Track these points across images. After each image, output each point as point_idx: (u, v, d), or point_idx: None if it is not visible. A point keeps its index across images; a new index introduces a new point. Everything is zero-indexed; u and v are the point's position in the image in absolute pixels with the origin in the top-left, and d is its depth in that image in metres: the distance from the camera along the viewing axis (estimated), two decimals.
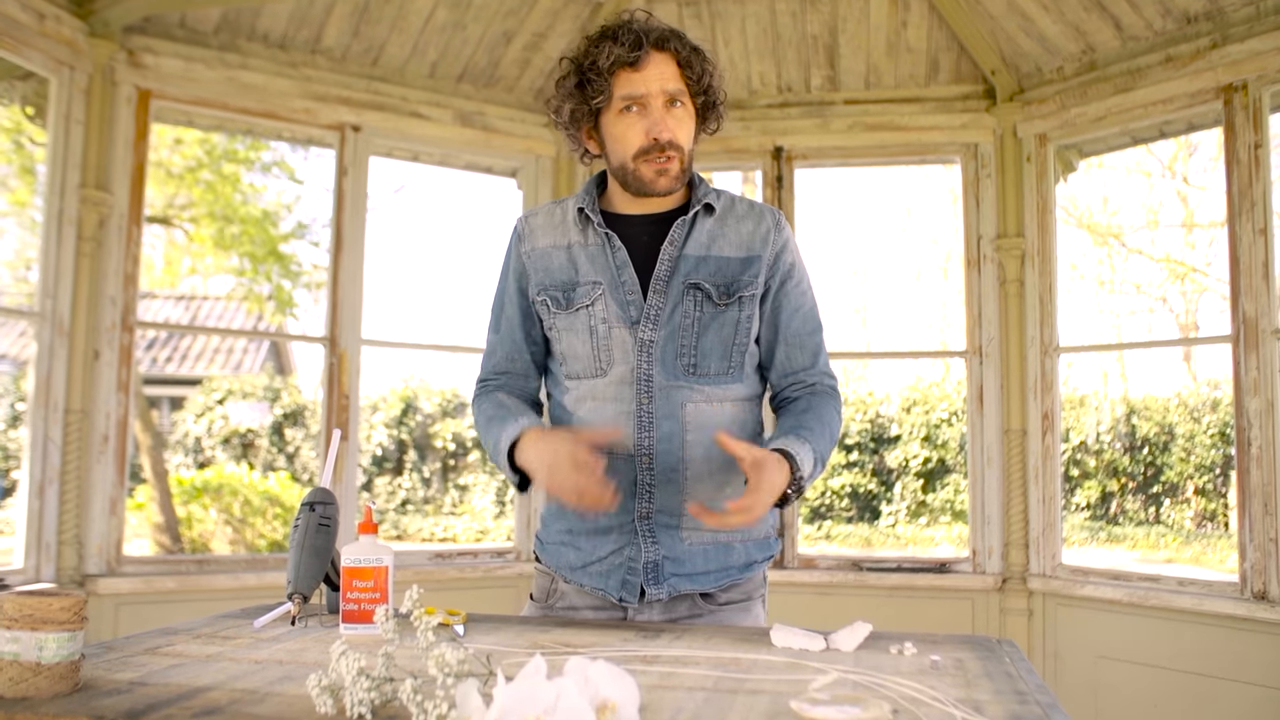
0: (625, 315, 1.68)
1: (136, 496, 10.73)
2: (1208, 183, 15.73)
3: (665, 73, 1.64)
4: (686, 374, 1.68)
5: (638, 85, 1.63)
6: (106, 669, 1.23)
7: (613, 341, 1.68)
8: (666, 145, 1.64)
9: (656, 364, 1.67)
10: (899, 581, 3.94)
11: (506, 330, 1.82)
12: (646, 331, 1.67)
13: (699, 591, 1.69)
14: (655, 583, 1.66)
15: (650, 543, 1.67)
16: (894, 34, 3.99)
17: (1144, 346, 3.92)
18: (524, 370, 1.83)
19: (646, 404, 1.67)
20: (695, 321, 1.68)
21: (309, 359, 19.88)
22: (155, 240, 12.36)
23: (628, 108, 1.65)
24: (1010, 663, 1.34)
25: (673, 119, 1.65)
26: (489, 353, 1.86)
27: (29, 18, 3.26)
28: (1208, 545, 11.59)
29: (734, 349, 1.70)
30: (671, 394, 1.67)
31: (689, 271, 1.69)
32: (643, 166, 1.66)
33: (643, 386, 1.67)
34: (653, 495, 1.67)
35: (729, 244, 1.72)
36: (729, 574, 1.71)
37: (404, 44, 3.97)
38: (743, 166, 4.38)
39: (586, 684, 0.99)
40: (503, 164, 4.34)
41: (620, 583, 1.68)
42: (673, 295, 1.68)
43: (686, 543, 1.68)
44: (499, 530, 12.84)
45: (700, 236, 1.71)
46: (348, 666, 1.03)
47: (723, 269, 1.70)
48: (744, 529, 1.72)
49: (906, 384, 13.65)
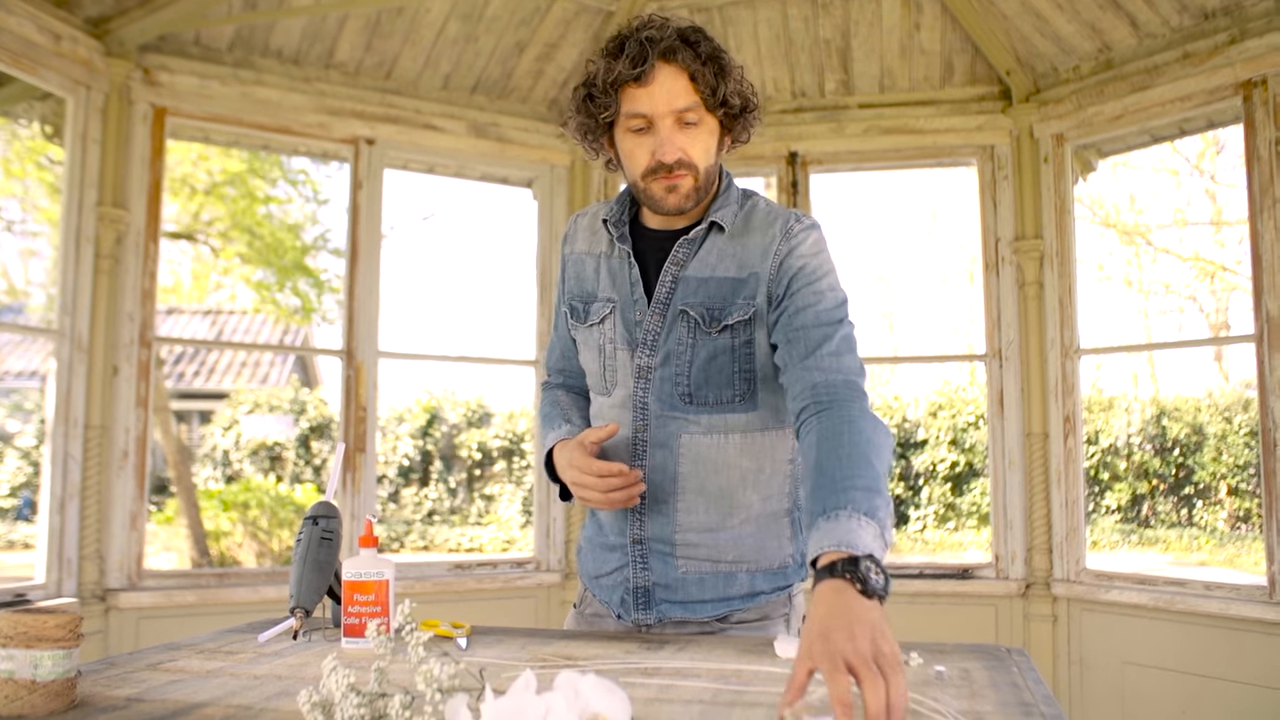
0: (630, 337, 1.62)
1: (165, 510, 10.84)
2: (1236, 180, 15.54)
3: (674, 89, 1.51)
4: (683, 403, 1.59)
5: (643, 104, 1.52)
6: (105, 685, 1.23)
7: (617, 363, 1.64)
8: (675, 165, 1.53)
9: (653, 391, 1.60)
10: (921, 588, 3.90)
11: (562, 329, 1.81)
12: (643, 357, 1.61)
13: (694, 619, 1.63)
14: (645, 608, 1.63)
15: (641, 568, 1.63)
16: (907, 36, 3.97)
17: (1168, 347, 3.88)
18: (577, 370, 1.80)
19: (641, 431, 1.61)
20: (689, 348, 1.58)
21: (334, 372, 20.01)
22: (182, 256, 12.49)
23: (636, 127, 1.55)
24: (1018, 673, 1.31)
25: (684, 137, 1.54)
26: (550, 349, 1.88)
27: (45, 39, 3.29)
28: (1243, 546, 11.43)
29: (736, 377, 1.58)
30: (667, 423, 1.60)
31: (685, 295, 1.59)
32: (652, 185, 1.57)
33: (638, 413, 1.61)
34: (644, 522, 1.62)
35: (734, 263, 1.59)
36: (729, 603, 1.62)
37: (417, 57, 3.99)
38: (757, 172, 4.37)
39: (576, 698, 0.97)
40: (518, 174, 4.35)
41: (620, 600, 1.67)
42: (669, 320, 1.60)
43: (681, 570, 1.62)
44: (525, 540, 12.86)
45: (708, 257, 1.60)
46: (337, 683, 1.02)
47: (717, 292, 1.58)
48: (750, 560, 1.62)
49: (933, 388, 13.57)
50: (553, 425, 1.71)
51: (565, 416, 1.72)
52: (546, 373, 1.90)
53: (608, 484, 1.50)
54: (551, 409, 1.77)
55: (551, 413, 1.76)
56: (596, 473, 1.50)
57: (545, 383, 1.90)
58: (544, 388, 1.89)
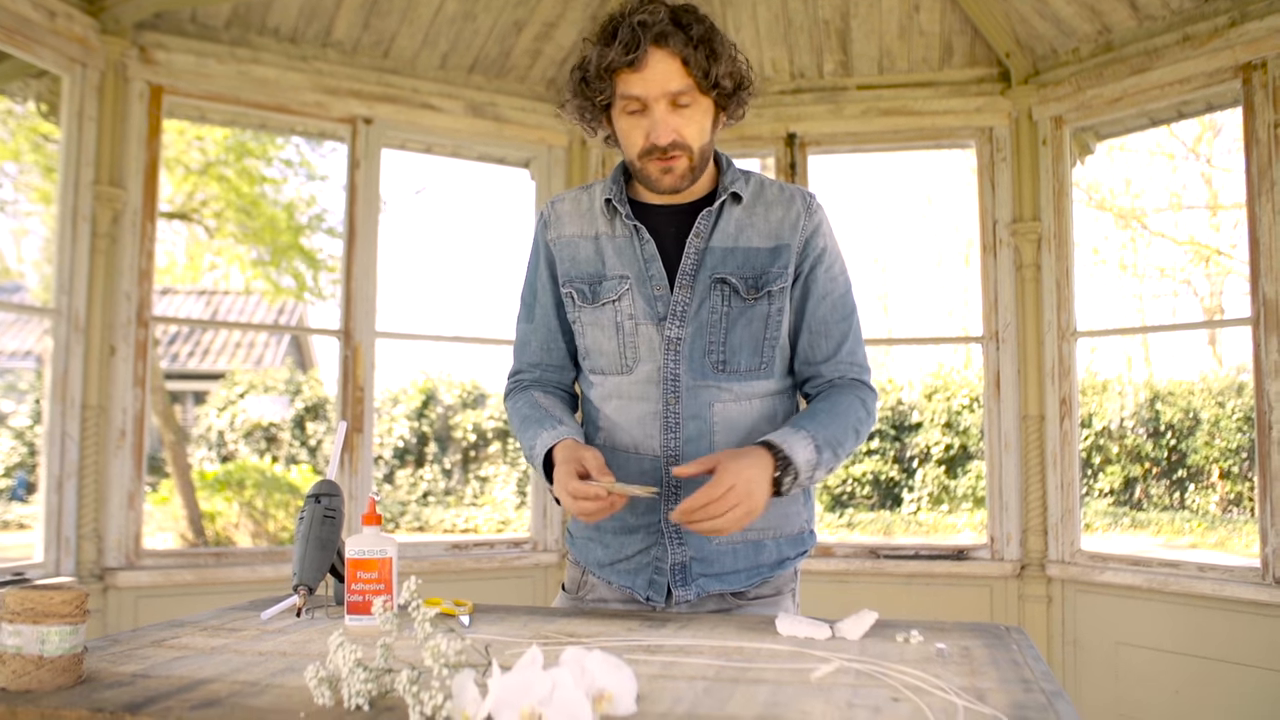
0: (652, 311, 1.63)
1: (160, 491, 10.83)
2: (1232, 164, 15.55)
3: (667, 71, 1.54)
4: (715, 371, 1.63)
5: (636, 87, 1.55)
6: (111, 661, 1.23)
7: (639, 338, 1.64)
8: (669, 147, 1.57)
9: (684, 362, 1.62)
10: (916, 569, 3.92)
11: (541, 318, 1.77)
12: (673, 328, 1.62)
13: (729, 591, 1.67)
14: (683, 584, 1.64)
15: (677, 544, 1.65)
16: (906, 17, 3.96)
17: (1163, 330, 3.87)
18: (560, 361, 1.78)
19: (673, 404, 1.63)
20: (723, 317, 1.63)
21: (329, 352, 19.99)
22: (176, 236, 12.45)
23: (630, 109, 1.59)
24: (1018, 650, 1.32)
25: (678, 119, 1.57)
26: (521, 344, 1.81)
27: (40, 16, 3.27)
28: (1234, 530, 11.49)
29: (765, 344, 1.65)
30: (699, 394, 1.63)
31: (715, 265, 1.63)
32: (648, 166, 1.61)
33: (669, 386, 1.63)
34: (679, 497, 1.62)
35: (758, 234, 1.65)
36: (760, 572, 1.68)
37: (414, 35, 3.97)
38: (755, 153, 4.36)
39: (583, 674, 0.98)
40: (515, 154, 4.34)
41: (647, 582, 1.67)
42: (699, 290, 1.63)
43: (715, 543, 1.65)
44: (520, 520, 12.88)
45: (728, 227, 1.65)
46: (345, 658, 1.03)
47: (751, 261, 1.64)
48: (775, 526, 1.68)
49: (928, 370, 13.60)
50: (543, 426, 1.65)
51: (556, 418, 1.67)
52: (515, 370, 1.82)
53: (590, 505, 1.49)
54: (533, 410, 1.70)
55: (534, 414, 1.69)
56: (574, 494, 1.49)
57: (515, 381, 1.82)
58: (514, 388, 1.81)
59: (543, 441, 1.63)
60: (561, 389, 1.81)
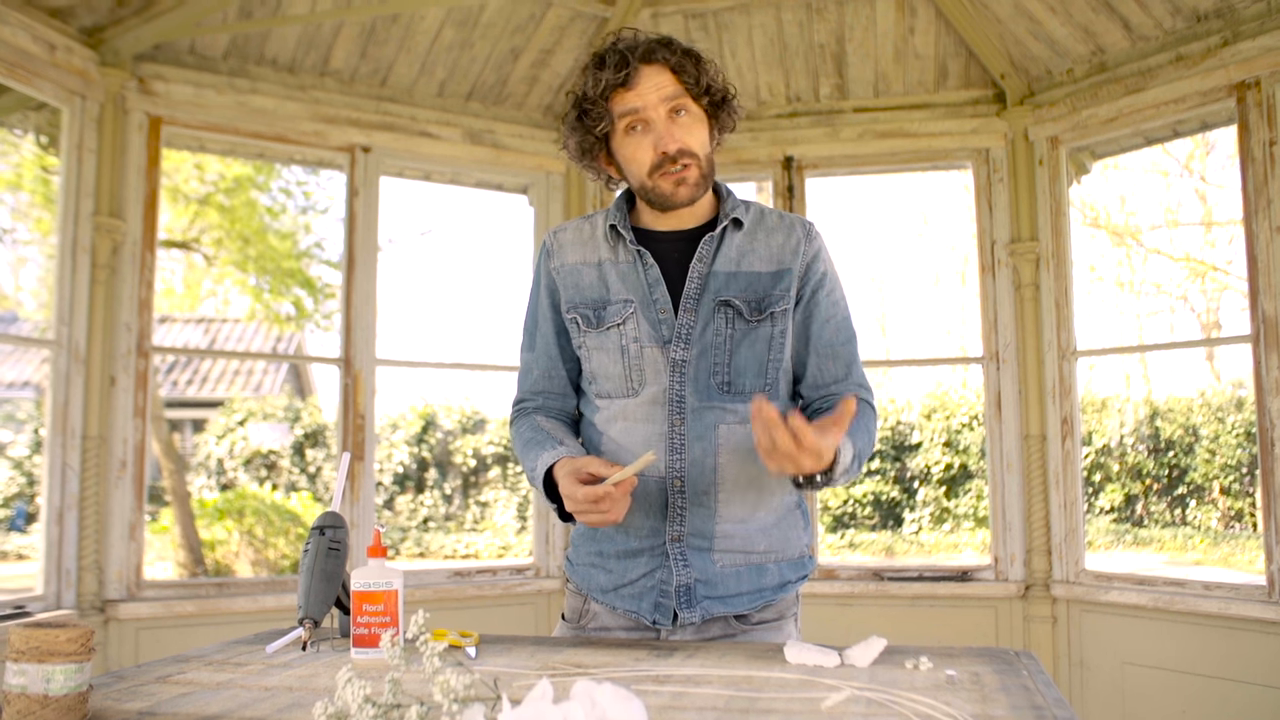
0: (657, 334, 1.65)
1: (160, 520, 10.79)
2: (1225, 180, 15.62)
3: (660, 82, 1.61)
4: (720, 393, 1.64)
5: (633, 101, 1.61)
6: (116, 699, 1.23)
7: (644, 361, 1.66)
8: (678, 155, 1.61)
9: (689, 384, 1.64)
10: (921, 591, 3.91)
11: (542, 347, 1.79)
12: (678, 351, 1.64)
13: (733, 614, 1.67)
14: (688, 606, 1.64)
15: (682, 565, 1.64)
16: (901, 40, 3.98)
17: (1162, 348, 3.88)
18: (561, 388, 1.80)
19: (678, 425, 1.64)
20: (727, 339, 1.65)
21: (328, 379, 19.98)
22: (174, 264, 12.46)
23: (632, 127, 1.63)
24: (1028, 676, 1.31)
25: (679, 127, 1.63)
26: (524, 372, 1.83)
27: (40, 49, 3.29)
28: (1236, 546, 11.46)
29: (769, 365, 1.67)
30: (704, 415, 1.64)
31: (719, 288, 1.66)
32: (660, 181, 1.64)
33: (674, 407, 1.64)
34: (684, 518, 1.64)
35: (759, 258, 1.69)
36: (763, 595, 1.68)
37: (412, 64, 3.99)
38: (753, 177, 4.37)
39: (593, 707, 0.97)
40: (513, 181, 4.35)
41: (653, 605, 1.66)
42: (704, 313, 1.65)
43: (719, 565, 1.65)
44: (521, 546, 12.84)
45: (730, 252, 1.69)
46: (353, 694, 1.02)
47: (754, 284, 1.67)
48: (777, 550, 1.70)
49: (927, 390, 13.60)
50: (544, 447, 1.67)
51: (556, 439, 1.68)
52: (519, 398, 1.84)
53: (602, 507, 1.50)
54: (535, 433, 1.72)
55: (536, 437, 1.71)
56: (583, 499, 1.50)
57: (520, 409, 1.83)
58: (518, 415, 1.82)
59: (543, 461, 1.64)
60: (564, 415, 1.82)
